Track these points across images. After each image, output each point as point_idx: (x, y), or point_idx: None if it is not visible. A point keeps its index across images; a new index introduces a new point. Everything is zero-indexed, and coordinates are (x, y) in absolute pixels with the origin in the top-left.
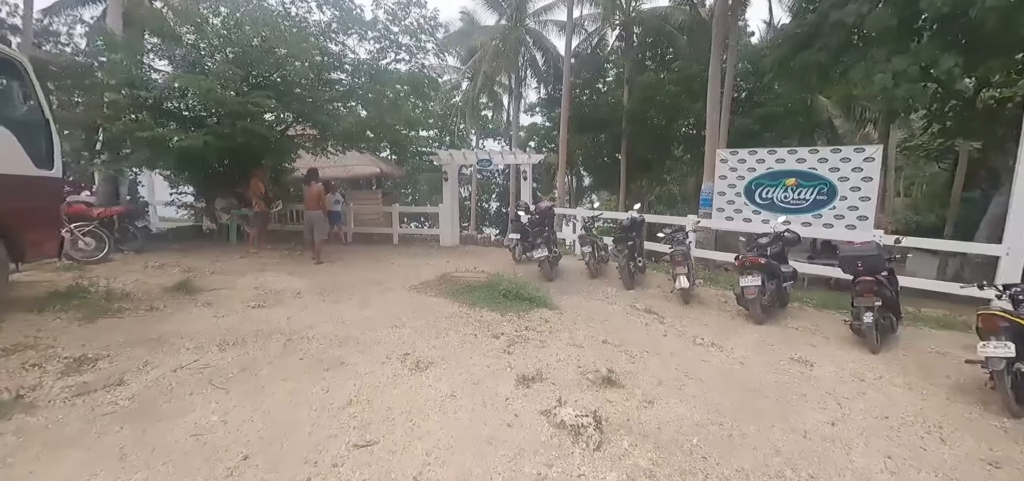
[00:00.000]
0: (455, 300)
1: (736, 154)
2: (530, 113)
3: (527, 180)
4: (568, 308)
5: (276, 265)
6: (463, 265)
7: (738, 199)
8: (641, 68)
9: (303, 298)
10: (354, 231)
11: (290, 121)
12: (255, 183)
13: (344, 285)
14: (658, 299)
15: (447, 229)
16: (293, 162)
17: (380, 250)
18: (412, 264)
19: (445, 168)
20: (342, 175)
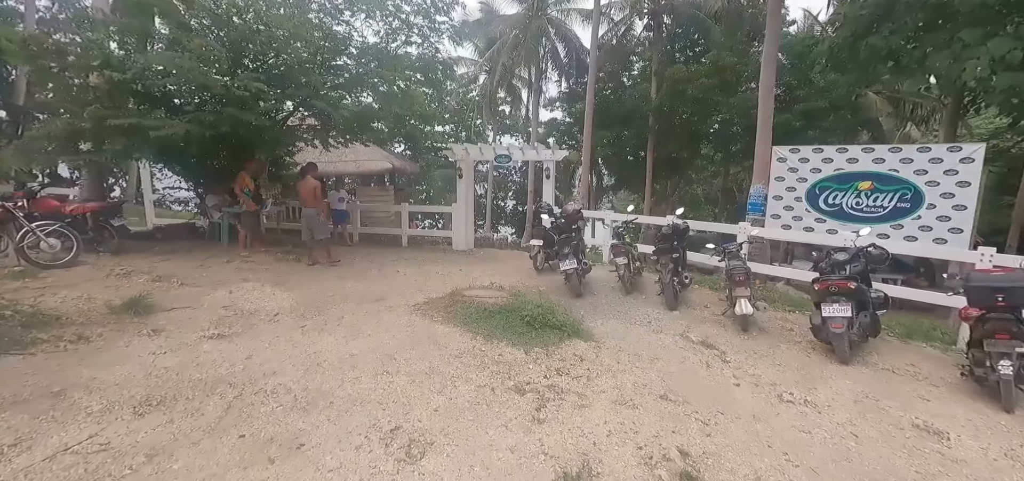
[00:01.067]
0: (467, 329)
1: (798, 152)
2: (550, 108)
3: (549, 179)
4: (606, 338)
5: (264, 272)
6: (478, 275)
7: (798, 204)
8: (670, 60)
9: (278, 323)
10: (361, 231)
11: (289, 110)
12: (241, 178)
13: (335, 301)
14: (710, 325)
15: (461, 230)
16: (294, 156)
17: (387, 253)
18: (420, 272)
19: (460, 164)
20: (353, 170)
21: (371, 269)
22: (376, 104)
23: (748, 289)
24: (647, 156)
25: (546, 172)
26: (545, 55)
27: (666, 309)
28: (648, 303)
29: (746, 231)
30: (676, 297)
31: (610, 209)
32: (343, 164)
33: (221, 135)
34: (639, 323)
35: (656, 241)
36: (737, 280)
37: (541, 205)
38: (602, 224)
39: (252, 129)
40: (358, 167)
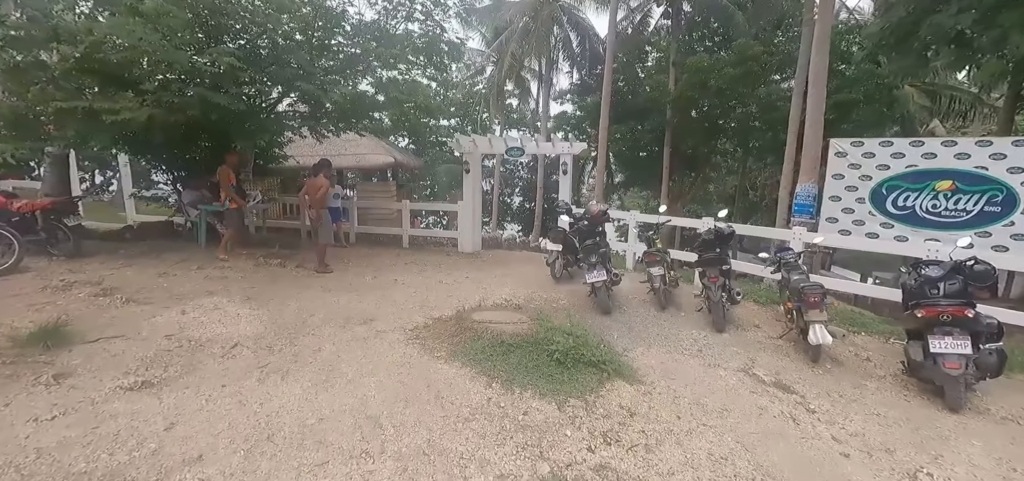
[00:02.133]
0: (480, 371)
1: (861, 145)
2: (560, 101)
3: (566, 175)
4: (655, 378)
5: (238, 281)
6: (488, 285)
7: (860, 207)
8: (688, 50)
9: (233, 360)
10: (358, 230)
11: (277, 96)
12: (223, 172)
13: (314, 323)
14: (771, 353)
15: (467, 231)
16: (284, 147)
17: (385, 256)
18: (421, 281)
19: (467, 158)
20: (352, 165)
21: (365, 276)
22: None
23: (824, 312)
24: (663, 152)
25: (563, 167)
26: (556, 44)
27: (713, 330)
28: (689, 321)
29: (800, 237)
30: (725, 317)
31: (618, 207)
32: (342, 158)
33: (193, 121)
34: (688, 351)
35: (697, 248)
36: (811, 301)
37: (558, 204)
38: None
39: (229, 114)
40: (358, 161)
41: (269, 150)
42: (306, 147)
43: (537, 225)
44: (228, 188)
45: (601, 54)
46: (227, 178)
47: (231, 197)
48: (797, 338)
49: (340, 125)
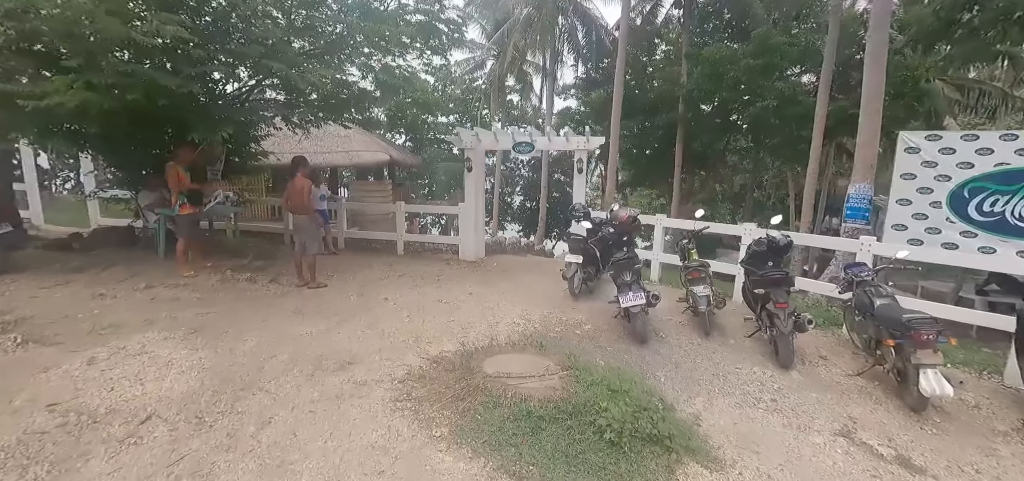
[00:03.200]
0: (502, 466)
1: (938, 139)
2: (564, 96)
3: (582, 173)
4: (733, 452)
5: (190, 306)
6: (497, 305)
7: (935, 212)
8: (701, 42)
9: (133, 453)
10: (348, 235)
11: (249, 79)
12: (171, 170)
13: (271, 373)
14: (862, 402)
15: (469, 236)
16: (261, 141)
17: (376, 266)
18: (416, 302)
19: (468, 155)
20: (345, 162)
21: (349, 294)
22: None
23: (938, 354)
24: (674, 149)
25: (578, 165)
26: (561, 36)
27: (778, 366)
28: (744, 352)
29: (869, 247)
30: (793, 352)
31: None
32: (334, 156)
33: (139, 109)
34: (760, 402)
35: (747, 262)
36: (922, 339)
37: (574, 208)
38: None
39: (183, 100)
40: (351, 159)
41: (244, 145)
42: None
43: (541, 227)
44: (178, 189)
45: (608, 46)
46: (176, 177)
47: (183, 204)
48: (886, 377)
49: (321, 116)
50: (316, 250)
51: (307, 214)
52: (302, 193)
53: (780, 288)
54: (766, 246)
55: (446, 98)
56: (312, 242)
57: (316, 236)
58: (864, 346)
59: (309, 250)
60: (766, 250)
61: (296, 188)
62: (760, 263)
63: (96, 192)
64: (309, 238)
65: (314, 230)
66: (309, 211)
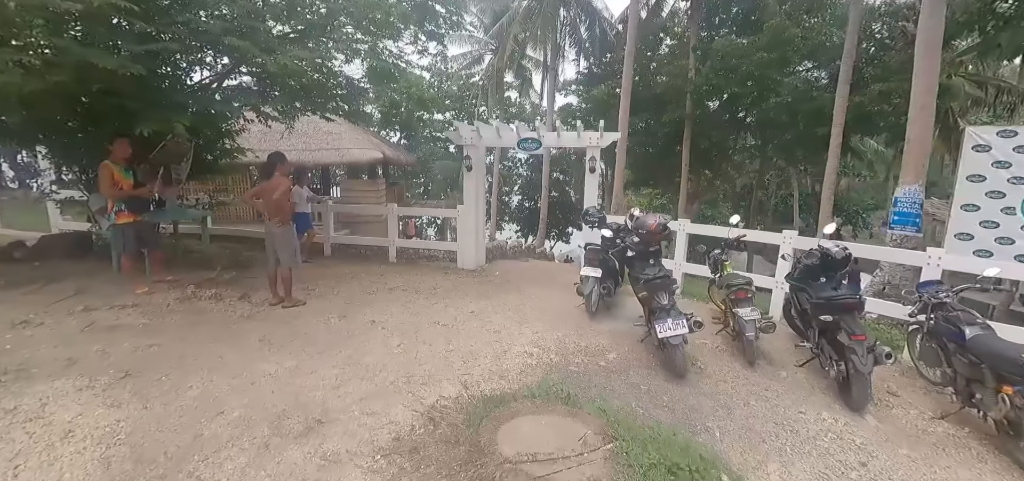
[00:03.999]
0: None
1: (1013, 135)
2: (564, 92)
3: (594, 173)
4: None
5: (131, 337)
6: (504, 332)
7: (1009, 219)
8: (709, 35)
9: None
10: (336, 240)
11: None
12: (105, 170)
13: (211, 443)
14: (963, 459)
15: (469, 242)
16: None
17: (365, 277)
18: (409, 325)
19: (468, 151)
20: (335, 160)
21: (330, 315)
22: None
23: None
24: (682, 147)
25: (590, 164)
26: (562, 28)
27: (847, 408)
28: (801, 390)
29: (937, 260)
30: (870, 393)
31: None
32: (324, 153)
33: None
34: (850, 471)
35: (798, 278)
36: None
37: (589, 213)
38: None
39: (125, 85)
40: (342, 157)
41: (216, 141)
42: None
43: (542, 228)
44: (112, 194)
45: (612, 40)
46: (110, 180)
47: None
48: (979, 421)
49: (300, 107)
50: (292, 263)
51: (283, 220)
52: (278, 195)
53: (853, 315)
54: (819, 260)
55: (442, 95)
56: (287, 254)
57: (292, 247)
58: (946, 382)
59: (284, 263)
60: (819, 264)
61: (270, 189)
62: (811, 280)
63: (48, 193)
64: (283, 249)
65: (290, 239)
66: (286, 217)
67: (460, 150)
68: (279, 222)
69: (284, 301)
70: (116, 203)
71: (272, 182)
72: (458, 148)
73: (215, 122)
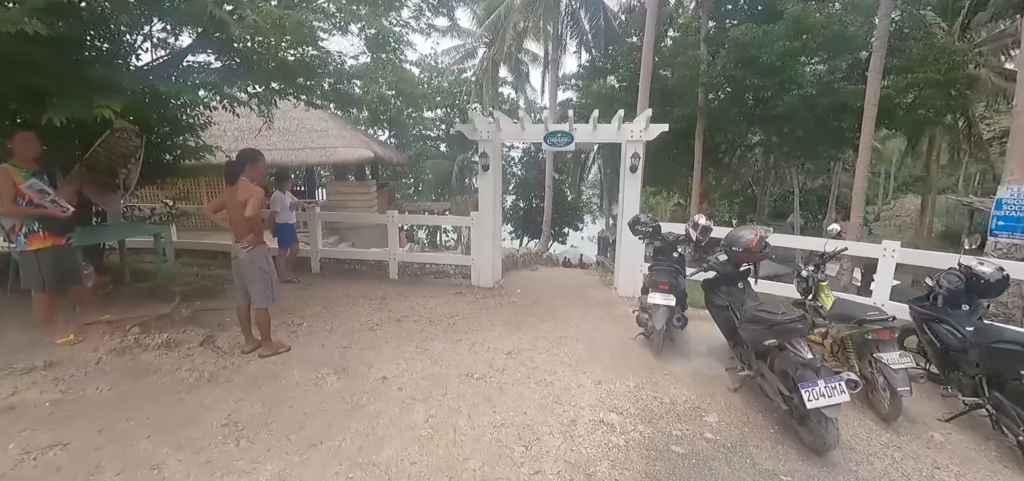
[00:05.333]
0: None
1: None
2: (563, 87)
3: (636, 173)
4: None
5: (32, 424)
6: (557, 380)
7: None
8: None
9: None
10: (325, 254)
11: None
12: (3, 178)
13: None
14: None
15: (486, 255)
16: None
17: (363, 302)
18: (431, 379)
19: (484, 147)
20: (321, 160)
21: (323, 368)
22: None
23: None
24: (695, 142)
25: (632, 161)
26: (563, 19)
27: None
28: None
29: None
30: None
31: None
32: (308, 152)
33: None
34: None
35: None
36: None
37: (642, 224)
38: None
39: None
40: (327, 156)
41: (174, 137)
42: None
43: (546, 230)
44: (11, 212)
45: (617, 31)
46: (10, 190)
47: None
48: None
49: (275, 88)
50: (267, 301)
51: (253, 242)
52: (249, 209)
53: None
54: (964, 283)
55: (433, 91)
56: (259, 289)
57: (265, 279)
58: None
59: (256, 302)
60: (963, 289)
61: (236, 200)
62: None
63: None
64: (255, 282)
65: (263, 269)
66: (257, 238)
67: (453, 148)
68: (248, 245)
69: (261, 348)
70: (26, 223)
71: (240, 189)
72: (451, 147)
73: (171, 112)
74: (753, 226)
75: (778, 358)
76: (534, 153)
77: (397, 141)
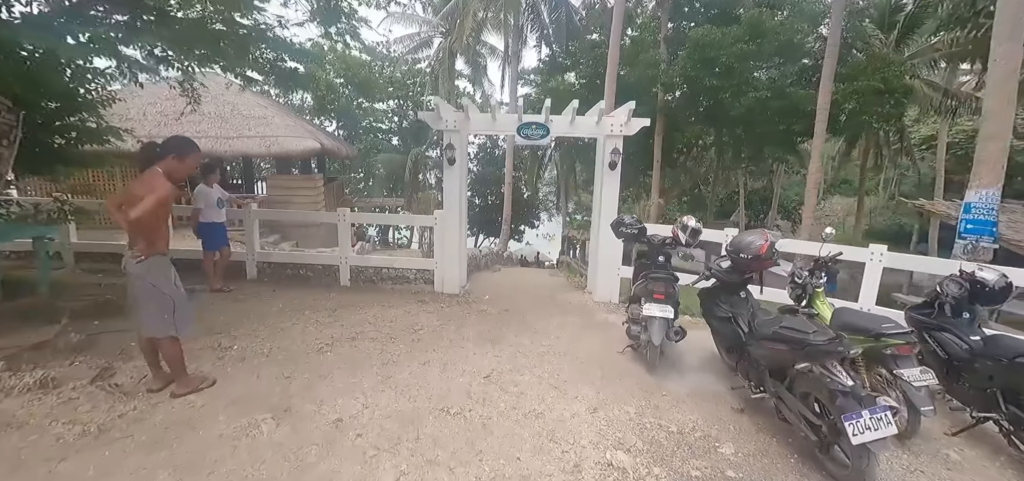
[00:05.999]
0: None
1: None
2: (522, 82)
3: (615, 170)
4: None
5: None
6: (548, 411)
7: None
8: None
9: None
10: (265, 258)
11: None
12: None
13: None
14: None
15: (452, 257)
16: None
17: (310, 315)
18: (402, 416)
19: (450, 138)
20: (261, 151)
21: (259, 415)
22: None
23: None
24: (654, 141)
25: (611, 157)
26: (525, 12)
27: None
28: None
29: None
30: None
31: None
32: (247, 142)
33: None
34: None
35: (947, 319)
36: None
37: (625, 225)
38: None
39: None
40: (268, 146)
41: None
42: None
43: (506, 229)
44: None
45: (578, 27)
46: None
47: None
48: None
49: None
50: (165, 331)
51: (142, 247)
52: (147, 204)
53: None
54: (967, 290)
55: (385, 81)
56: (153, 315)
57: (161, 301)
58: None
59: (148, 329)
60: (966, 297)
61: (135, 192)
62: (954, 316)
63: None
64: (148, 304)
65: (159, 283)
66: (152, 245)
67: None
68: (140, 253)
69: (174, 384)
70: None
71: (142, 181)
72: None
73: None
74: (762, 230)
75: (800, 379)
76: (490, 149)
77: (346, 133)
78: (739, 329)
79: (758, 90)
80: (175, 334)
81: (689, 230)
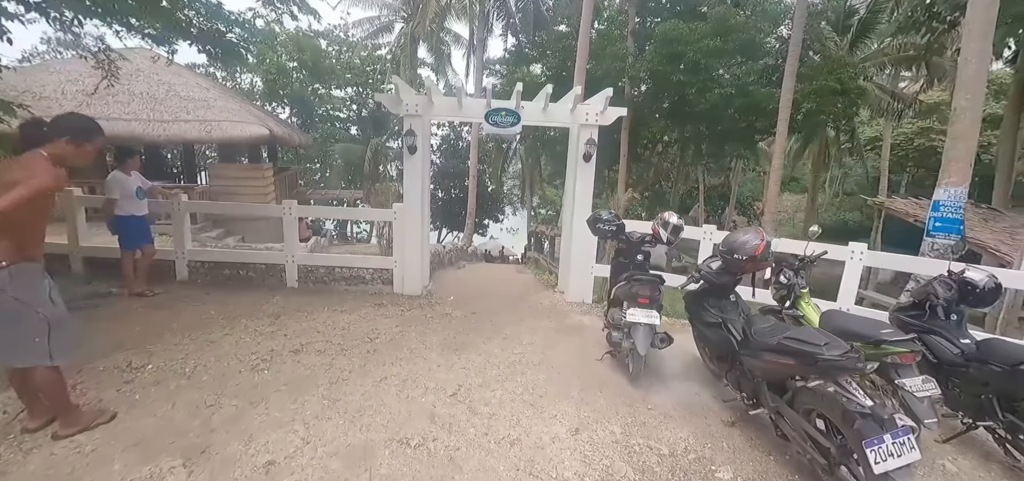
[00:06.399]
0: None
1: None
2: (487, 71)
3: (590, 162)
4: None
5: None
6: (533, 435)
7: None
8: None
9: None
10: (197, 256)
11: None
12: None
13: None
14: None
15: (413, 257)
16: None
17: (246, 323)
18: (351, 452)
19: (411, 124)
20: (202, 136)
21: (167, 457)
22: None
23: None
24: (622, 135)
25: (586, 148)
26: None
27: None
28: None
29: None
30: None
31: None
32: (185, 126)
33: None
34: None
35: (940, 325)
36: None
37: (603, 221)
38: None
39: None
40: (209, 131)
41: None
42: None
43: (470, 222)
44: None
45: (545, 17)
46: None
47: None
48: None
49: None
50: (34, 358)
51: (6, 249)
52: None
53: None
54: (956, 293)
55: (343, 66)
56: (19, 334)
57: (30, 318)
58: None
59: (17, 358)
60: (955, 299)
61: (5, 178)
62: (944, 318)
63: None
64: (14, 322)
65: (31, 301)
66: (17, 244)
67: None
68: (2, 259)
69: (57, 423)
70: None
71: (16, 165)
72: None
73: None
74: (756, 229)
75: (804, 394)
76: (454, 140)
77: (301, 120)
78: (731, 336)
79: (723, 87)
80: (50, 362)
81: (671, 227)
